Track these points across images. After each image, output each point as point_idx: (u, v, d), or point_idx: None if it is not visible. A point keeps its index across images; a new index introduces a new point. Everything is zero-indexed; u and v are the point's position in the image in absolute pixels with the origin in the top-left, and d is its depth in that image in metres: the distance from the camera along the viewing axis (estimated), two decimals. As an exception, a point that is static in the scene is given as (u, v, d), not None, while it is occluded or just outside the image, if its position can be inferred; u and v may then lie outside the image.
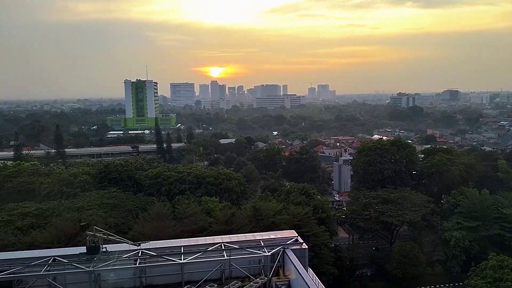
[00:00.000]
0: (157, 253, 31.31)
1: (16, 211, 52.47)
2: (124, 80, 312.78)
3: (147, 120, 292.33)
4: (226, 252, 31.63)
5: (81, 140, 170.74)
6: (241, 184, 73.14)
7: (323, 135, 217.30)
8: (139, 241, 33.66)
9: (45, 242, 41.82)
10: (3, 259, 30.82)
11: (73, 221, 45.85)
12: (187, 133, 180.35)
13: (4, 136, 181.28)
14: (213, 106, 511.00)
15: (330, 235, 59.61)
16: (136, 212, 52.37)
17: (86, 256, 30.25)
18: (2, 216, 51.31)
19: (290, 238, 34.14)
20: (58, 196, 63.57)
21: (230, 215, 50.66)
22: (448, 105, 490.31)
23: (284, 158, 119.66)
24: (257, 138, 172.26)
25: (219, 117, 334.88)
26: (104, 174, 71.30)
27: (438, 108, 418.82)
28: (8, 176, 75.21)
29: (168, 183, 69.26)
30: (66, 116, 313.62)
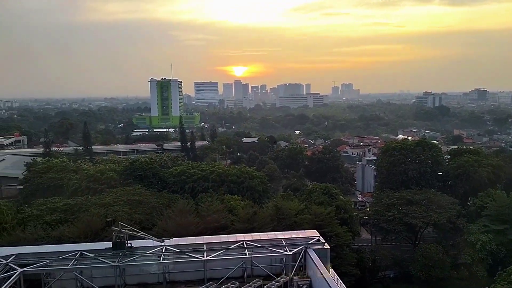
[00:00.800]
0: (181, 249, 31.84)
1: (45, 206, 54.08)
2: (150, 79, 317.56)
3: (171, 118, 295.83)
4: (248, 250, 31.93)
5: (108, 138, 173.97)
6: (263, 183, 73.35)
7: (347, 134, 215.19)
8: (163, 237, 34.29)
9: (73, 236, 42.98)
10: (33, 252, 31.93)
11: (99, 216, 46.99)
12: (210, 131, 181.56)
13: (35, 133, 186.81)
14: (236, 105, 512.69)
15: (353, 235, 59.20)
16: (160, 209, 53.17)
17: (112, 251, 30.98)
18: (32, 210, 53.01)
19: (312, 238, 34.19)
20: (85, 192, 65.15)
21: (252, 214, 50.95)
22: (476, 105, 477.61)
23: (306, 157, 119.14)
24: (279, 137, 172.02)
25: (242, 116, 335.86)
26: (130, 171, 72.73)
27: (465, 108, 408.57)
28: (38, 172, 77.52)
29: (191, 181, 70.13)
30: (93, 114, 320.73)
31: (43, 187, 72.47)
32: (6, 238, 44.33)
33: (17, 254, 31.14)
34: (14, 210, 55.36)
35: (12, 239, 43.38)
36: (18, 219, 51.65)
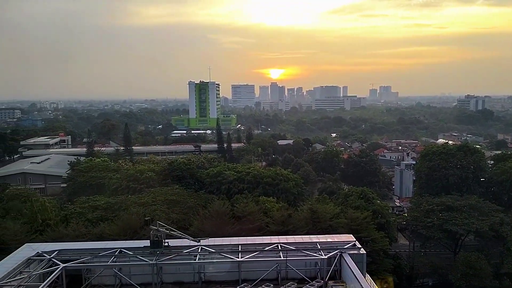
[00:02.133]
0: (216, 250, 32.16)
1: (87, 204, 56.17)
2: (188, 82, 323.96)
3: (209, 120, 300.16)
4: (283, 252, 31.87)
5: (147, 139, 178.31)
6: (298, 185, 73.01)
7: (384, 138, 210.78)
8: (199, 237, 34.78)
9: (113, 234, 44.32)
10: (75, 248, 33.12)
11: (138, 215, 48.26)
12: (246, 133, 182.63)
13: (78, 134, 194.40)
14: (272, 107, 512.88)
15: (390, 241, 57.90)
16: (197, 209, 53.97)
17: (150, 250, 31.60)
18: (75, 208, 55.19)
19: (348, 243, 33.71)
20: (125, 191, 67.12)
21: (287, 216, 50.81)
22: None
23: (342, 160, 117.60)
24: (315, 140, 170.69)
25: (277, 118, 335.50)
26: (168, 172, 74.34)
27: (510, 112, 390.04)
28: (81, 171, 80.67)
29: (227, 182, 70.79)
30: (134, 115, 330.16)
31: (85, 186, 75.35)
32: (50, 234, 46.36)
33: (60, 250, 32.28)
34: (58, 207, 57.88)
35: (56, 235, 45.32)
36: (62, 216, 53.88)
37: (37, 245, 33.81)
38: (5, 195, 68.27)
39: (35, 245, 34.10)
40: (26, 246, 33.64)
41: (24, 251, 32.08)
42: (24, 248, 32.83)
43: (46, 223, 50.94)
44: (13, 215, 55.91)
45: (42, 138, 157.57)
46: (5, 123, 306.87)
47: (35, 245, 33.78)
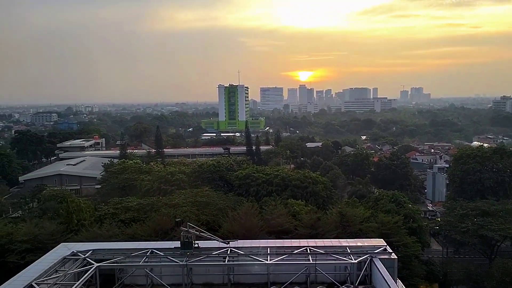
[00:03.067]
0: (245, 252, 32.26)
1: (120, 205, 57.46)
2: (218, 85, 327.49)
3: (238, 123, 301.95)
4: (312, 256, 31.66)
5: (178, 141, 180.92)
6: (327, 188, 72.45)
7: (416, 140, 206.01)
8: (228, 239, 34.95)
9: (144, 235, 45.22)
10: (108, 248, 33.85)
11: (169, 216, 48.99)
12: (275, 136, 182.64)
13: (112, 136, 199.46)
14: (301, 109, 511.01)
15: (422, 246, 56.60)
16: (226, 211, 54.26)
17: (180, 251, 31.99)
18: (108, 209, 56.60)
19: (378, 247, 33.16)
20: (156, 193, 68.34)
21: (316, 219, 50.48)
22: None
23: (373, 163, 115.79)
24: (344, 142, 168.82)
25: (306, 120, 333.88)
26: (198, 174, 75.34)
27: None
28: (114, 173, 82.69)
29: (256, 184, 71.01)
30: (165, 118, 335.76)
31: (118, 187, 77.17)
32: (85, 234, 47.77)
33: (94, 250, 33.01)
34: (92, 208, 59.52)
35: (90, 235, 46.66)
36: (96, 216, 55.42)
37: (72, 245, 34.70)
38: (42, 195, 70.84)
39: (71, 244, 35.00)
40: (62, 245, 34.53)
41: (60, 251, 32.91)
42: (60, 248, 33.69)
43: (81, 223, 52.56)
44: (49, 215, 57.98)
45: (77, 141, 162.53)
46: (43, 126, 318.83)
47: (71, 245, 34.67)
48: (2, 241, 48.34)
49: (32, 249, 45.76)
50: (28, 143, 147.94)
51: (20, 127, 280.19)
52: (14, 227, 52.08)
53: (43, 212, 62.31)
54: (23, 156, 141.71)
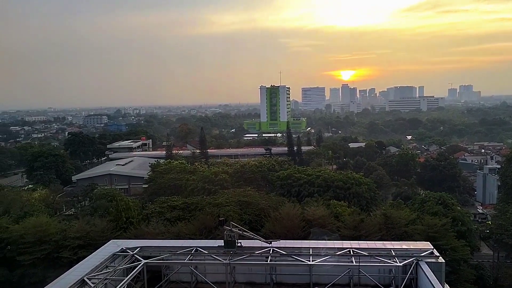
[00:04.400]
0: (287, 252, 32.35)
1: (166, 204, 59.10)
2: (260, 86, 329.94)
3: (279, 123, 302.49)
4: (355, 258, 31.28)
5: (221, 142, 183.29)
6: (371, 189, 71.19)
7: (465, 140, 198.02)
8: (270, 239, 35.17)
9: (189, 233, 46.25)
10: (155, 246, 34.94)
11: (213, 215, 49.95)
12: (316, 136, 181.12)
13: (158, 137, 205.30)
14: (343, 109, 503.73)
15: (471, 250, 54.45)
16: (268, 211, 54.59)
17: (224, 249, 32.57)
18: (155, 207, 58.41)
19: (425, 250, 32.26)
20: (201, 192, 69.85)
21: (359, 221, 49.79)
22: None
23: (419, 164, 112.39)
24: (388, 143, 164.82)
25: (349, 120, 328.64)
26: (240, 174, 76.33)
27: None
28: (161, 173, 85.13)
29: (297, 185, 70.91)
30: (209, 120, 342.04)
31: (164, 187, 79.42)
32: (133, 232, 49.64)
33: (142, 247, 34.03)
34: (140, 206, 61.72)
35: (138, 232, 48.43)
36: (143, 215, 57.39)
37: (121, 242, 35.93)
38: (94, 194, 74.19)
39: (120, 241, 36.25)
40: (112, 242, 35.66)
41: (110, 247, 34.06)
42: (109, 244, 34.82)
43: (129, 221, 54.63)
44: (100, 213, 60.72)
45: (126, 142, 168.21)
46: (94, 128, 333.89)
47: (120, 242, 35.91)
48: (56, 237, 51.19)
49: (84, 245, 48.16)
50: (80, 144, 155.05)
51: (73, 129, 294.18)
52: (67, 224, 55.05)
53: (94, 210, 65.31)
54: (75, 157, 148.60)
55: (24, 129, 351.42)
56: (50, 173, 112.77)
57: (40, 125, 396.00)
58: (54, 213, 70.38)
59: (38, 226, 51.54)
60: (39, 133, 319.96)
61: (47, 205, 72.79)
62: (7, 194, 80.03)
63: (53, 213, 70.25)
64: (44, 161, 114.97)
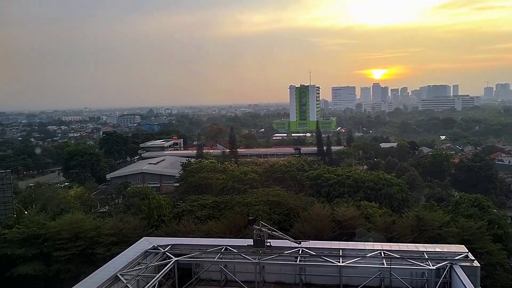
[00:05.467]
0: (317, 253, 32.20)
1: (196, 203, 59.90)
2: (289, 86, 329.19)
3: (309, 123, 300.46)
4: (386, 260, 30.80)
5: (251, 141, 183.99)
6: (402, 190, 69.85)
7: (502, 140, 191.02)
8: (300, 239, 35.06)
9: (219, 232, 46.66)
10: (186, 244, 35.48)
11: (242, 215, 50.30)
12: (346, 136, 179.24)
13: (189, 137, 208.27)
14: (374, 108, 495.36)
15: (508, 254, 52.46)
16: (297, 211, 54.43)
17: (253, 248, 32.72)
18: (186, 206, 59.30)
19: (459, 254, 31.42)
20: (230, 191, 70.34)
21: (391, 223, 48.98)
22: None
23: (453, 165, 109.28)
24: (421, 143, 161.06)
25: (380, 120, 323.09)
26: (270, 173, 76.41)
27: None
28: (192, 172, 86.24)
29: (327, 185, 70.36)
30: (239, 119, 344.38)
31: (195, 185, 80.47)
32: (164, 229, 50.57)
33: (173, 245, 34.56)
34: (171, 205, 62.74)
35: (169, 230, 49.32)
36: (174, 213, 58.38)
37: (153, 239, 36.70)
38: (127, 192, 75.96)
39: (151, 239, 37.04)
40: (144, 239, 36.46)
41: (142, 244, 34.81)
42: (142, 241, 35.59)
43: (161, 219, 55.72)
44: (133, 211, 62.17)
45: (158, 141, 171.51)
46: (127, 127, 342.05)
47: (151, 239, 36.68)
48: (91, 234, 52.77)
49: (117, 242, 49.41)
50: (114, 143, 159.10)
51: (107, 128, 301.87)
52: (101, 221, 56.65)
53: (127, 207, 66.91)
54: (109, 155, 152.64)
55: (61, 128, 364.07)
56: (85, 171, 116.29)
57: (76, 124, 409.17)
58: (89, 210, 72.52)
59: (73, 222, 53.27)
60: (75, 132, 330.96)
61: (82, 202, 75.11)
62: (45, 192, 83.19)
63: (88, 210, 72.40)
64: (80, 160, 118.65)
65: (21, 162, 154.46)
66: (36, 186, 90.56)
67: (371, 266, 30.92)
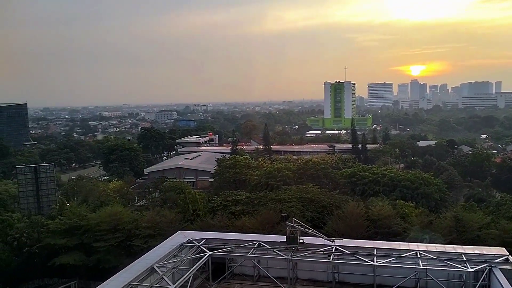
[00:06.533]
0: (350, 251, 31.99)
1: (230, 198, 60.69)
2: (324, 83, 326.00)
3: (343, 120, 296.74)
4: (423, 261, 30.23)
5: (284, 138, 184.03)
6: (440, 190, 68.17)
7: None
8: (333, 237, 34.93)
9: (252, 227, 47.09)
10: (220, 238, 36.08)
11: (275, 211, 50.60)
12: (383, 134, 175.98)
13: (224, 133, 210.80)
14: (412, 106, 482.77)
15: (554, 259, 50.17)
16: (330, 208, 54.17)
17: (286, 245, 32.90)
18: (220, 201, 60.19)
19: (499, 256, 30.41)
20: (264, 188, 70.85)
21: (428, 223, 47.96)
22: None
23: (494, 165, 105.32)
24: (461, 141, 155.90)
25: (418, 117, 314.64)
26: (303, 171, 76.19)
27: None
28: (226, 167, 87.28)
29: (362, 184, 69.60)
30: (273, 116, 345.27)
31: (229, 181, 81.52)
32: (199, 224, 51.59)
33: (207, 239, 35.18)
34: (206, 199, 63.85)
35: (204, 225, 50.26)
36: (209, 208, 59.37)
37: (188, 233, 37.46)
38: (164, 186, 77.89)
39: (187, 232, 37.82)
40: (179, 233, 37.29)
41: (177, 238, 35.64)
42: (177, 235, 36.43)
43: (196, 213, 56.85)
44: (169, 205, 63.70)
45: (194, 137, 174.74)
46: (164, 123, 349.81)
47: (187, 233, 37.45)
48: (129, 226, 54.54)
49: (154, 235, 50.88)
50: (152, 138, 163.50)
51: (145, 124, 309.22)
52: (139, 214, 58.41)
53: (163, 201, 68.62)
54: (147, 150, 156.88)
55: (102, 123, 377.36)
56: (124, 166, 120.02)
57: (116, 120, 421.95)
58: (127, 204, 74.79)
59: (112, 215, 55.23)
60: (115, 127, 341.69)
61: (121, 195, 77.64)
62: (86, 184, 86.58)
63: (126, 203, 74.67)
64: (119, 154, 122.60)
65: (64, 156, 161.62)
66: (78, 179, 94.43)
67: (407, 266, 30.41)
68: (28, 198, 76.36)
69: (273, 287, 31.74)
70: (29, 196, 76.47)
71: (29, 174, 77.67)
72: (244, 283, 33.09)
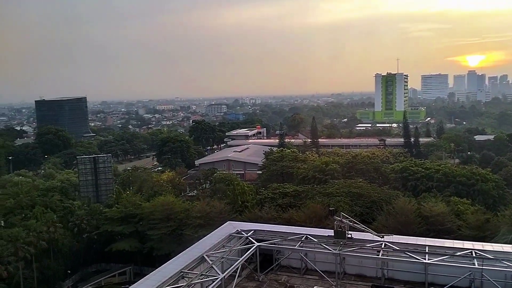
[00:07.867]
0: (400, 248, 31.36)
1: (278, 191, 61.21)
2: (375, 74, 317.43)
3: (395, 113, 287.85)
4: (478, 260, 29.10)
5: (333, 132, 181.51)
6: (499, 187, 64.93)
7: None
8: (382, 233, 34.31)
9: (299, 220, 47.34)
10: (268, 230, 36.53)
11: (323, 205, 50.44)
12: (437, 127, 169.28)
13: (272, 126, 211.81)
14: (469, 98, 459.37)
15: None
16: (380, 204, 53.19)
17: (334, 239, 32.75)
18: (268, 193, 60.85)
19: (562, 258, 28.70)
20: (311, 181, 70.59)
21: (484, 221, 45.97)
22: None
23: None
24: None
25: (475, 110, 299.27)
26: (352, 165, 75.08)
27: None
28: (274, 160, 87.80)
29: (414, 179, 67.66)
30: (321, 109, 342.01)
31: (277, 174, 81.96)
32: (247, 215, 52.51)
33: (255, 230, 35.72)
34: (254, 191, 64.77)
35: (252, 216, 51.12)
36: (257, 199, 60.25)
37: (237, 224, 38.27)
38: (214, 178, 79.69)
39: (235, 223, 38.64)
40: (228, 223, 38.13)
41: (227, 228, 36.49)
42: (226, 225, 37.28)
43: (244, 205, 57.95)
44: (219, 196, 65.21)
45: (242, 130, 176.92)
46: (214, 116, 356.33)
47: (235, 224, 38.28)
48: (180, 216, 56.54)
49: (204, 225, 52.45)
50: (202, 131, 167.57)
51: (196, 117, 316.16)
52: (190, 204, 60.34)
53: (213, 192, 70.35)
54: (198, 143, 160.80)
55: (155, 116, 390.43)
56: (176, 157, 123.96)
57: (169, 113, 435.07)
58: (179, 194, 77.37)
59: (165, 204, 57.48)
60: (168, 120, 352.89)
61: (173, 186, 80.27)
62: (140, 175, 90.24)
63: (178, 193, 77.27)
64: (172, 146, 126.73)
65: (120, 147, 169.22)
66: (133, 170, 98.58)
67: (461, 265, 29.39)
68: (87, 186, 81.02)
69: (320, 280, 31.68)
70: (88, 185, 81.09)
71: (88, 164, 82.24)
72: (291, 276, 33.33)
